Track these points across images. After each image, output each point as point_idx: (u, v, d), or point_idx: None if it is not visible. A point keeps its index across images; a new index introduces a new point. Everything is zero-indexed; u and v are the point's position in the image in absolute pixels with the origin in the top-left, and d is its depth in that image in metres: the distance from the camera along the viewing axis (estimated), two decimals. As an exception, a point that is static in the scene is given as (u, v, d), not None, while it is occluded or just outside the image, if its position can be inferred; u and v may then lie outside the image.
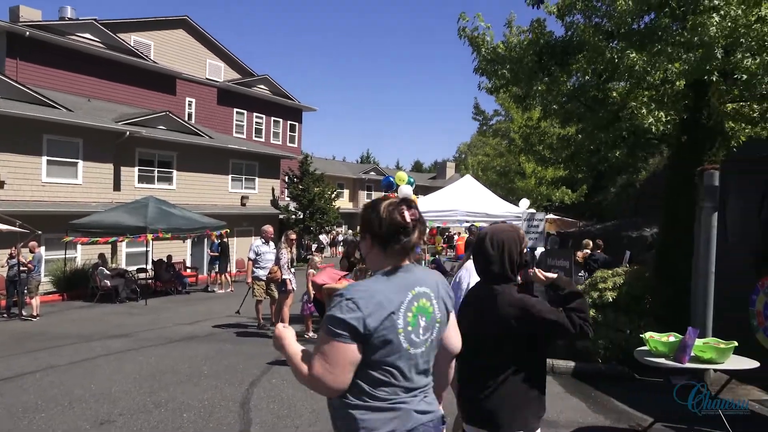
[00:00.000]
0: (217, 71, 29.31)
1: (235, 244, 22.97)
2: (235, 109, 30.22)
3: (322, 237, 30.18)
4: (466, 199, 12.90)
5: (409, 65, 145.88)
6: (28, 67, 19.99)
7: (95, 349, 9.13)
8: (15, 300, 12.73)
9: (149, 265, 17.49)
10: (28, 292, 12.40)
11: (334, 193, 30.35)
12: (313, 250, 26.66)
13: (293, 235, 10.34)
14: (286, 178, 28.94)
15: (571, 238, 18.87)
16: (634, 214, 19.33)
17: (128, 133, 19.19)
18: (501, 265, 2.61)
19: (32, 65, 20.13)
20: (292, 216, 27.47)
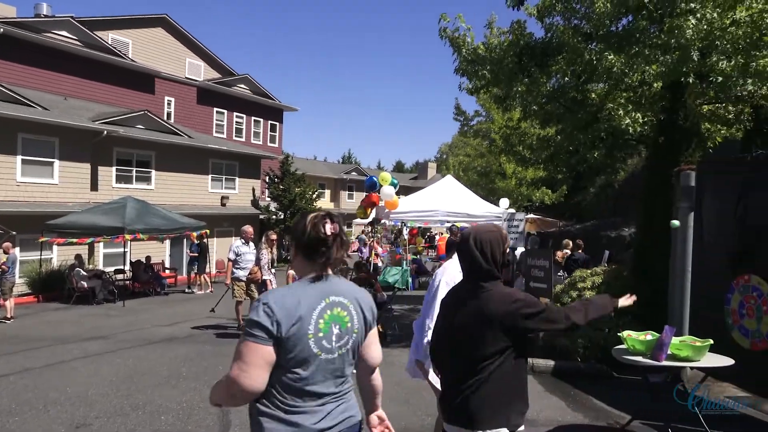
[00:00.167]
0: (197, 70, 29.03)
1: (215, 245, 22.77)
2: (215, 109, 29.96)
3: (303, 237, 30.03)
4: (447, 199, 12.92)
5: (391, 65, 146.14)
6: (2, 65, 19.59)
7: (71, 352, 8.98)
8: (-11, 302, 12.46)
9: (127, 266, 17.27)
10: (2, 293, 12.14)
11: (316, 193, 30.24)
12: (294, 250, 26.63)
13: (274, 236, 10.27)
14: (267, 178, 28.78)
15: (552, 238, 19.03)
16: (612, 214, 19.56)
17: (106, 133, 18.90)
18: (487, 264, 2.61)
19: (6, 63, 19.73)
20: (273, 216, 27.33)
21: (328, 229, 2.19)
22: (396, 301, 13.11)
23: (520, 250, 10.58)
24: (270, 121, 33.64)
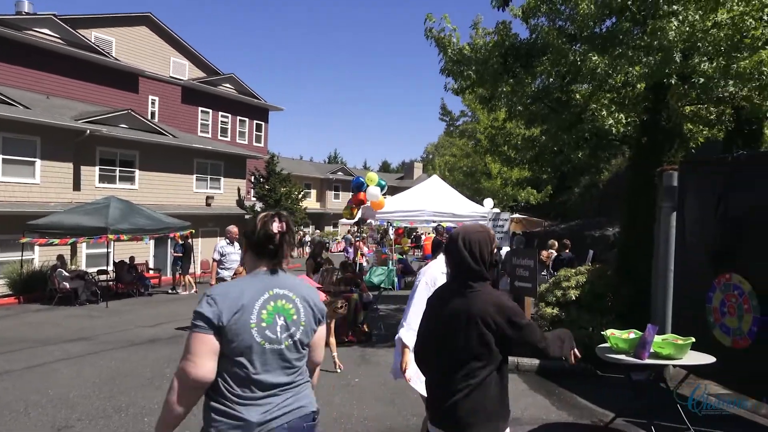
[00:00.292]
0: (182, 69, 28.83)
1: (200, 245, 22.62)
2: (200, 108, 29.78)
3: (289, 237, 29.93)
4: (433, 199, 12.96)
5: (377, 65, 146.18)
6: (-17, 63, 19.36)
7: (53, 353, 8.86)
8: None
9: (110, 267, 17.09)
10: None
11: (301, 193, 30.15)
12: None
13: (259, 236, 10.22)
14: (253, 178, 28.64)
15: (537, 237, 19.16)
16: (597, 214, 19.73)
17: (89, 132, 18.71)
18: (476, 264, 2.61)
19: (-13, 61, 19.50)
20: (259, 216, 27.18)
21: (275, 227, 2.31)
22: (382, 300, 13.10)
23: (506, 250, 10.62)
24: (255, 121, 33.50)
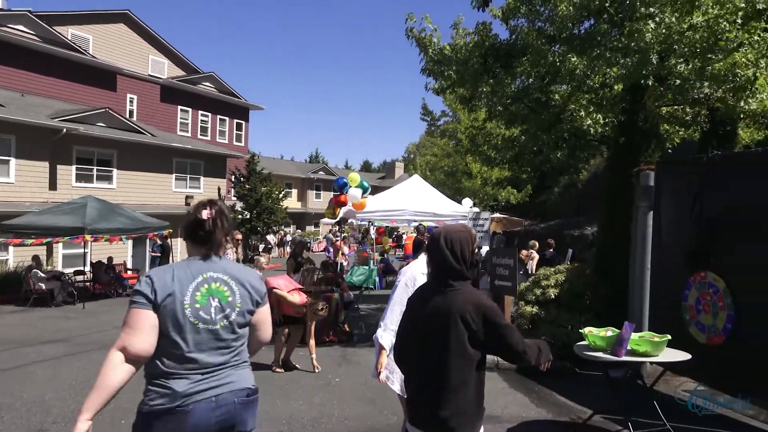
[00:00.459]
0: (161, 68, 28.52)
1: (179, 245, 22.36)
2: (179, 107, 29.48)
3: (270, 237, 29.80)
4: (414, 198, 12.99)
5: (358, 65, 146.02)
6: (-45, 59, 18.97)
7: (28, 356, 8.71)
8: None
9: (88, 267, 16.84)
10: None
11: (282, 192, 30.02)
12: (260, 250, 26.37)
13: (238, 235, 10.17)
14: (233, 177, 28.45)
15: (517, 237, 19.29)
16: (576, 214, 19.91)
17: (65, 130, 18.41)
18: (457, 263, 2.62)
19: (-41, 57, 19.11)
20: (239, 216, 27.02)
21: (205, 214, 2.43)
22: (363, 300, 13.10)
23: (486, 249, 10.68)
24: (236, 120, 33.27)
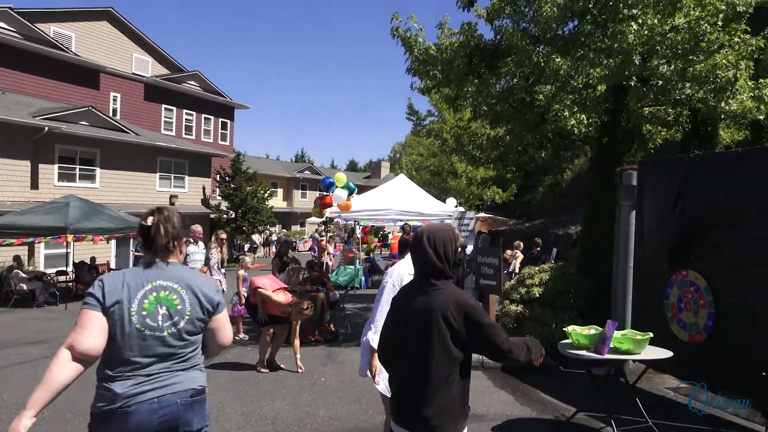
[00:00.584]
0: (145, 66, 28.26)
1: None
2: (163, 106, 29.23)
3: (255, 237, 29.68)
4: (400, 198, 13.00)
5: (345, 64, 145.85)
6: (-66, 57, 18.64)
7: (9, 357, 8.60)
8: None
9: (70, 268, 16.65)
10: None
11: (267, 192, 29.89)
12: (246, 250, 26.22)
13: (223, 235, 10.10)
14: (218, 176, 28.27)
15: (502, 236, 19.38)
16: (560, 213, 20.05)
17: (47, 129, 18.18)
18: (440, 262, 2.62)
19: (-62, 54, 18.79)
20: (224, 215, 26.87)
21: (150, 220, 2.49)
22: (348, 299, 13.10)
23: (471, 249, 10.72)
24: (221, 119, 33.07)
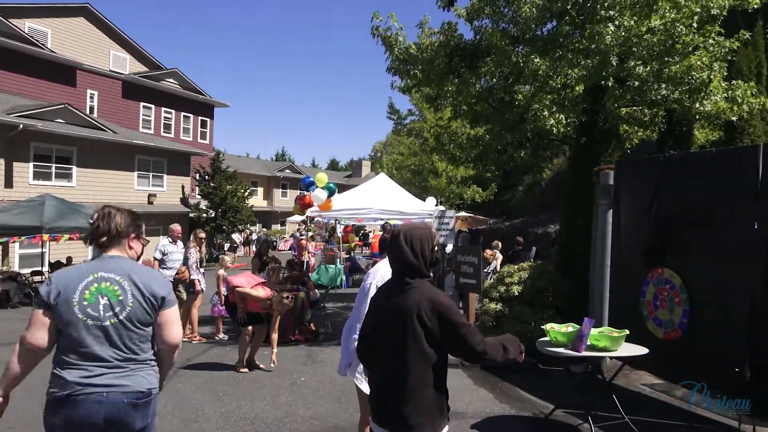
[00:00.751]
0: (122, 63, 27.90)
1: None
2: (141, 103, 28.90)
3: (235, 236, 29.47)
4: (381, 197, 13.02)
5: (325, 62, 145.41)
6: None
7: (-18, 359, 8.43)
8: None
9: (45, 268, 16.39)
10: None
11: (248, 191, 29.71)
12: (226, 249, 26.03)
13: (202, 234, 10.02)
14: (197, 175, 28.02)
15: (482, 235, 19.49)
16: (539, 212, 20.22)
17: (22, 126, 17.89)
18: (417, 261, 2.63)
19: None
20: (204, 215, 26.64)
21: (94, 217, 2.67)
22: (329, 299, 13.08)
23: (450, 247, 10.76)
24: (200, 117, 32.79)
